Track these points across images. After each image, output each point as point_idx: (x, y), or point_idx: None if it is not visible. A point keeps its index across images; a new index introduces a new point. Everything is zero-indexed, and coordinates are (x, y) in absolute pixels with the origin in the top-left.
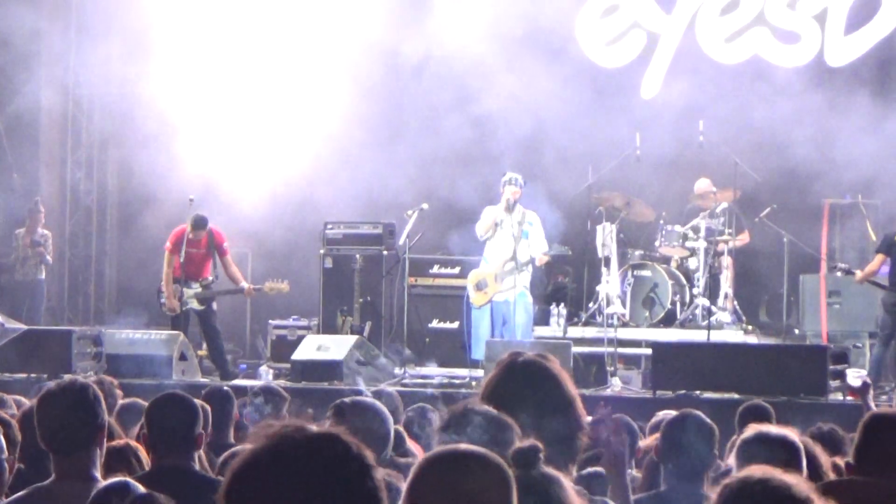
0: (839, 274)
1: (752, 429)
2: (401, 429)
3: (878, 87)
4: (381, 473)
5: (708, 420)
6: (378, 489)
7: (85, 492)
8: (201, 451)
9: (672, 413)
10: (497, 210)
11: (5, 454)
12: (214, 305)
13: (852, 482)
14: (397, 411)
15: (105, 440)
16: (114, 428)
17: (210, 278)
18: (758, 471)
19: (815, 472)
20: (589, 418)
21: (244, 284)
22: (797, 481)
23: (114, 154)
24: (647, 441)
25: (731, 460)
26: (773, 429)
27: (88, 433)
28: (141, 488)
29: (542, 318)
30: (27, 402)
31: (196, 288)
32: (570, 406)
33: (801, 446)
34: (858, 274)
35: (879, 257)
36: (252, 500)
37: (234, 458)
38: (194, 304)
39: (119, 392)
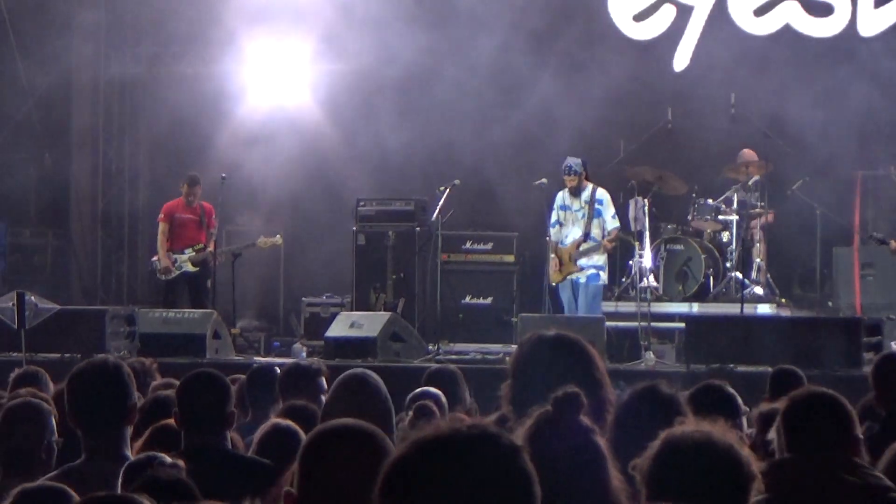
0: (875, 243)
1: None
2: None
3: None
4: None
5: (730, 389)
6: (534, 491)
7: (116, 470)
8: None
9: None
10: (563, 194)
11: (55, 436)
12: (210, 267)
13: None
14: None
15: (135, 419)
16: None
17: (204, 244)
18: (688, 427)
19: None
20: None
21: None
22: (721, 432)
23: (145, 133)
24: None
25: (772, 433)
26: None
27: (120, 413)
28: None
29: None
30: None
31: (189, 252)
32: (600, 383)
33: (853, 413)
34: (893, 244)
35: None
36: (403, 500)
37: (277, 434)
38: (188, 267)
39: (157, 374)
